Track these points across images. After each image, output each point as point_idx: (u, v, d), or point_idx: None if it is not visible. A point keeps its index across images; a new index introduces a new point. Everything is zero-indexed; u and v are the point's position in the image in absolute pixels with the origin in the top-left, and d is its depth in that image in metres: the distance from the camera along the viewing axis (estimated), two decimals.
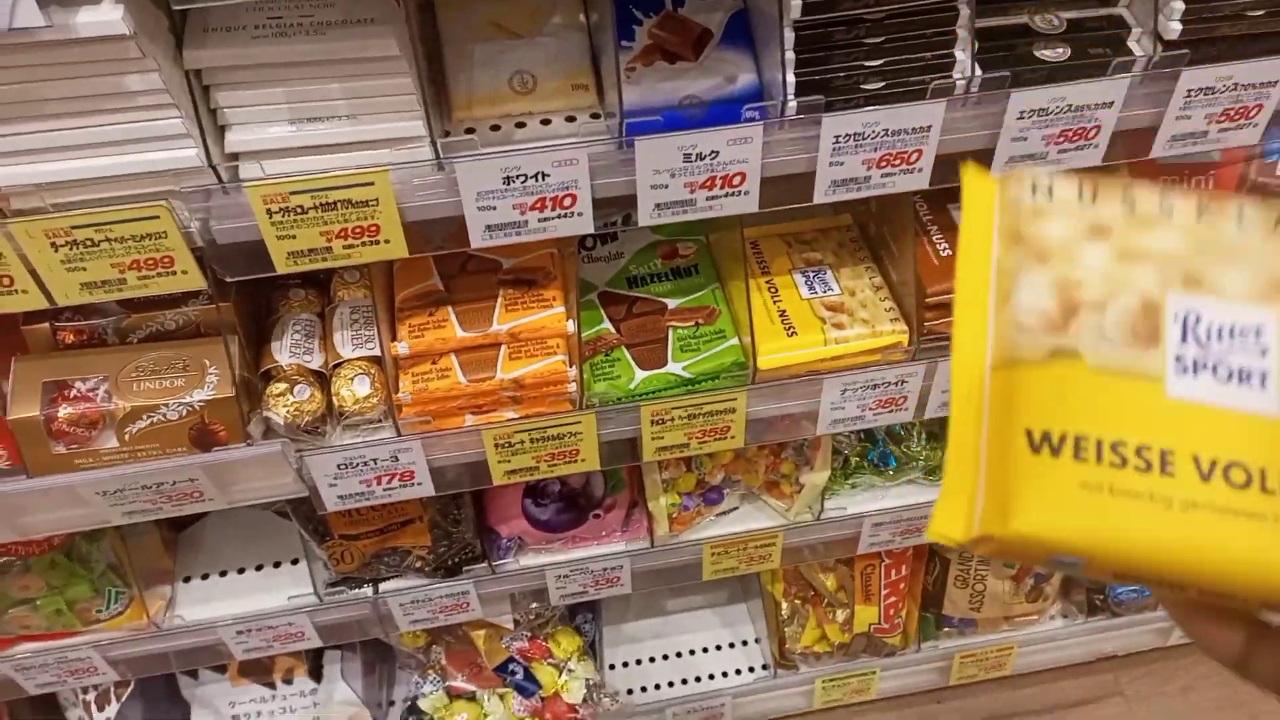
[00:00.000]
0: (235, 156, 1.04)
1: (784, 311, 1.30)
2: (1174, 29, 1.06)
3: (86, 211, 0.99)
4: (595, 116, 1.15)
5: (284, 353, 1.26)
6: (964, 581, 2.00)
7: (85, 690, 1.78)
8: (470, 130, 1.13)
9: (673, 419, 1.31)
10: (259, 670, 1.93)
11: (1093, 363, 0.51)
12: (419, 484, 1.32)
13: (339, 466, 1.26)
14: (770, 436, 1.40)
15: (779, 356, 1.27)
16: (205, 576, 1.69)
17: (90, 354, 1.20)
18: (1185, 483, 0.49)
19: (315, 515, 1.52)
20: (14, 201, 1.00)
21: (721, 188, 1.10)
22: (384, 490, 1.31)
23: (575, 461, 1.34)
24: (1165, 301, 0.52)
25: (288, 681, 1.94)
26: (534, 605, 1.82)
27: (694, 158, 1.07)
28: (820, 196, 1.13)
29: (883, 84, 1.07)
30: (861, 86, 1.07)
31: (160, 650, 1.60)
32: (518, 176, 1.05)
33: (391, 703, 2.08)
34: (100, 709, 1.76)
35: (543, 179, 1.06)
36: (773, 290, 1.33)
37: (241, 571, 1.70)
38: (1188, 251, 0.53)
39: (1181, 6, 1.05)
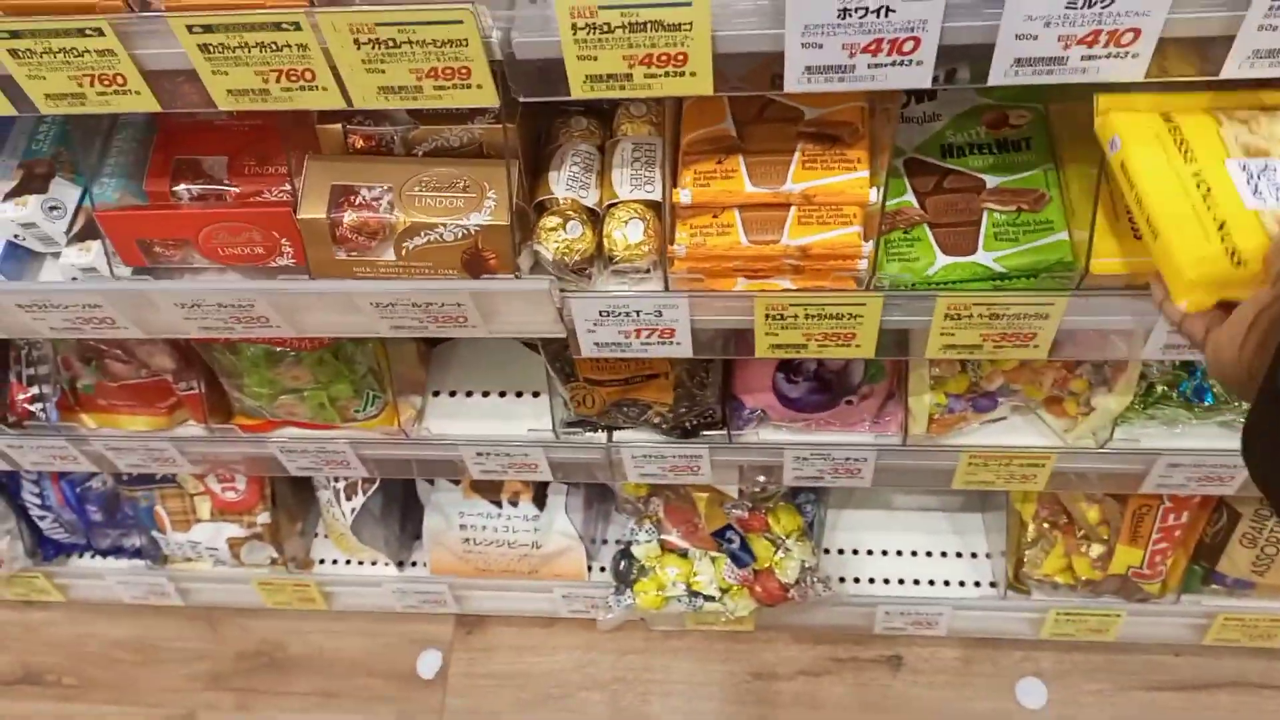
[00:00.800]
0: None
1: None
2: None
3: (392, 8, 0.92)
4: None
5: (560, 185, 1.19)
6: (1253, 541, 1.74)
7: (336, 479, 1.91)
8: None
9: (972, 316, 1.15)
10: (489, 488, 1.99)
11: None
12: (678, 343, 1.24)
13: (600, 313, 1.20)
14: (1080, 353, 1.21)
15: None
16: (453, 394, 1.73)
17: (378, 162, 1.17)
18: None
19: (564, 355, 1.49)
20: None
21: (1107, 44, 0.89)
22: (641, 344, 1.24)
23: (849, 345, 1.21)
24: None
25: (513, 503, 2.00)
26: (761, 479, 1.75)
27: (1081, 4, 0.86)
28: (1231, 69, 0.89)
29: None
30: None
31: (405, 457, 1.67)
32: (857, 10, 0.89)
33: (605, 541, 2.12)
34: (348, 498, 1.89)
35: (886, 15, 0.89)
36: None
37: (486, 395, 1.72)
38: None
39: None
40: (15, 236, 1.26)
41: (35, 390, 1.67)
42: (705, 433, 1.56)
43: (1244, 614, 1.84)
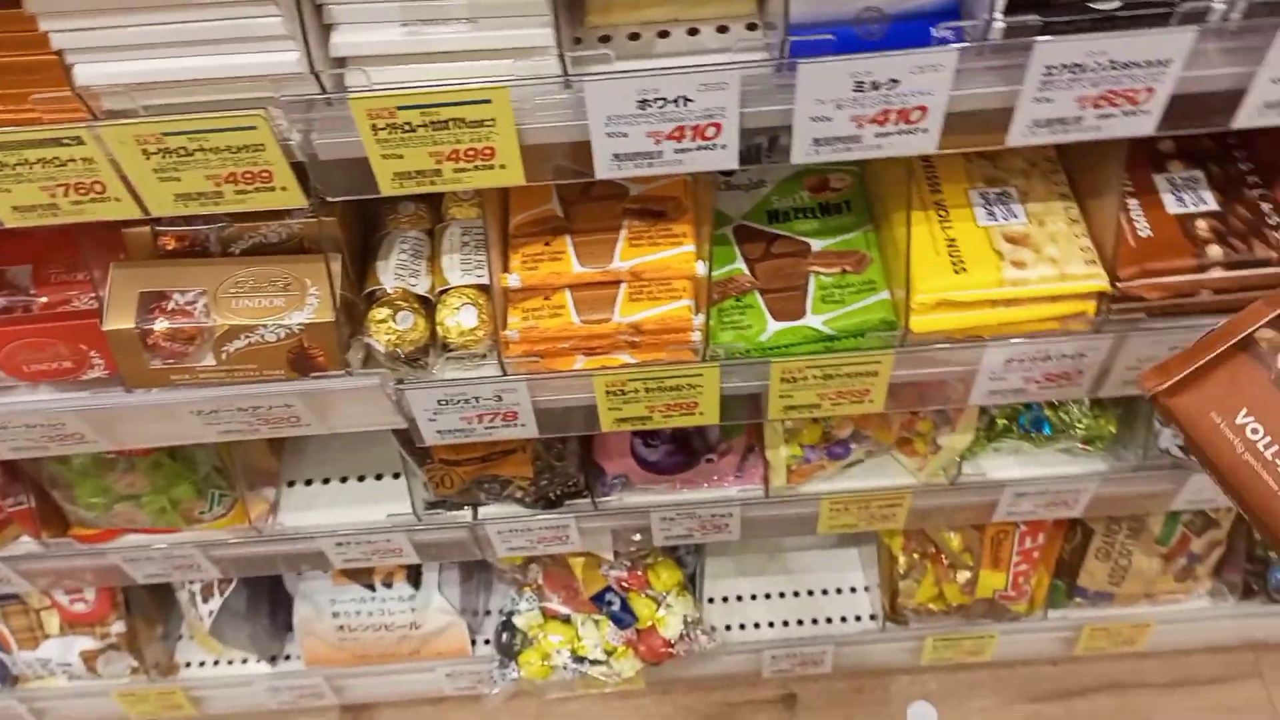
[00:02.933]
0: (341, 62, 0.91)
1: (953, 241, 1.11)
2: None
3: (179, 117, 0.89)
4: (751, 28, 0.97)
5: (389, 274, 1.16)
6: (1106, 555, 1.82)
7: (191, 580, 1.81)
8: (605, 38, 0.97)
9: (806, 378, 1.17)
10: (360, 572, 1.92)
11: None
12: (522, 425, 1.22)
13: (439, 402, 1.17)
14: (913, 403, 1.24)
15: (941, 297, 1.08)
16: (309, 482, 1.66)
17: (191, 264, 1.12)
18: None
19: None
20: (105, 102, 0.90)
21: (896, 123, 0.92)
22: (485, 428, 1.22)
23: (692, 414, 1.22)
24: None
25: (387, 585, 1.93)
26: (637, 538, 1.74)
27: (867, 87, 0.89)
28: (1016, 138, 0.94)
29: (1119, 3, 0.85)
30: (1090, 4, 0.86)
31: (261, 554, 1.59)
32: (656, 100, 0.90)
33: (488, 612, 2.07)
34: (205, 599, 1.79)
35: (685, 104, 0.90)
36: (943, 214, 1.14)
37: (344, 480, 1.66)
38: None
39: None
40: None
41: None
42: (570, 501, 1.54)
43: (1107, 623, 1.92)
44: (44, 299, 1.17)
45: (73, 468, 1.44)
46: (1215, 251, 1.08)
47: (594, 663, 1.85)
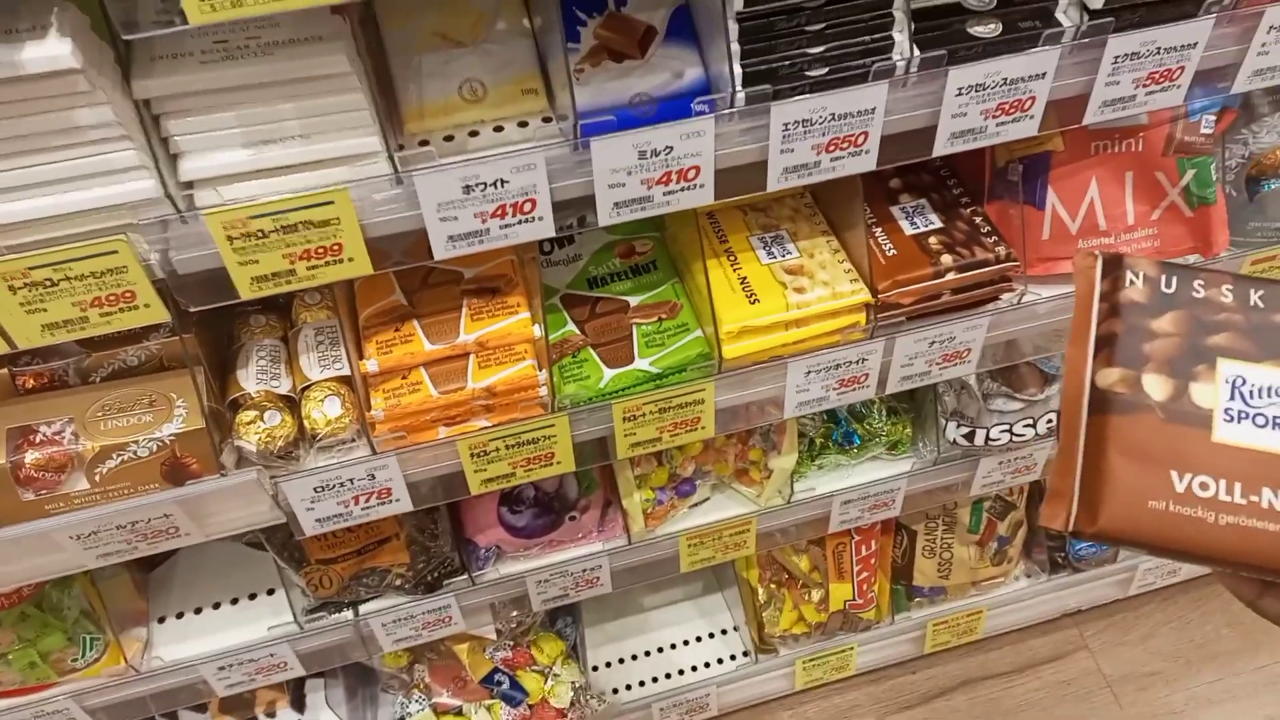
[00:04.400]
0: (190, 184, 1.03)
1: (745, 279, 1.33)
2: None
3: (43, 251, 0.97)
4: (547, 120, 1.16)
5: (250, 380, 1.25)
6: (931, 551, 2.05)
7: None
8: (424, 142, 1.14)
9: (644, 415, 1.33)
10: (241, 705, 1.90)
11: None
12: (397, 500, 1.31)
13: (315, 490, 1.26)
14: (739, 424, 1.43)
15: (743, 325, 1.29)
16: (180, 615, 1.66)
17: (53, 397, 1.18)
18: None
19: (291, 542, 1.51)
20: None
21: (678, 182, 1.12)
22: (362, 510, 1.31)
23: (551, 464, 1.35)
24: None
25: (270, 715, 1.91)
26: (515, 614, 1.82)
27: (649, 154, 1.09)
28: (774, 184, 1.16)
29: (826, 70, 1.10)
30: (805, 74, 1.10)
31: (140, 694, 1.57)
32: (477, 185, 1.06)
33: None
34: None
35: (502, 186, 1.07)
36: (732, 259, 1.35)
37: (217, 607, 1.67)
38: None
39: None
40: None
41: None
42: (448, 581, 1.62)
43: (945, 616, 2.14)
44: None
45: None
46: (947, 260, 1.34)
47: None
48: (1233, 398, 0.70)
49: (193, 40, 0.96)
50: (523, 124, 1.16)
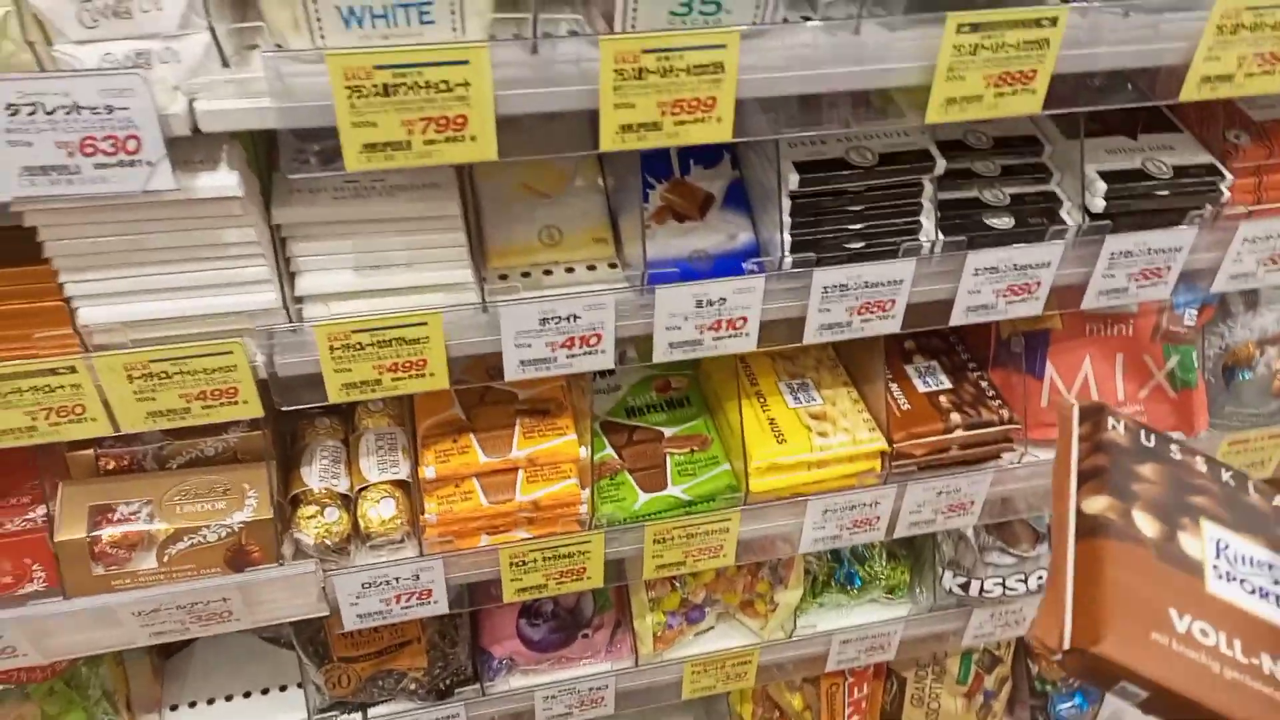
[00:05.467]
0: (301, 299, 1.16)
1: (773, 420, 1.45)
2: (1099, 204, 1.29)
3: (168, 347, 1.09)
4: (613, 266, 1.31)
5: (314, 477, 1.35)
6: (920, 700, 2.11)
7: None
8: (504, 276, 1.27)
9: (673, 538, 1.43)
10: None
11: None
12: (435, 602, 1.39)
13: (363, 585, 1.33)
14: (755, 555, 1.52)
15: (771, 461, 1.40)
16: (193, 704, 1.69)
17: (133, 479, 1.26)
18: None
19: (318, 638, 1.57)
20: (96, 336, 1.09)
21: (726, 330, 1.26)
22: (401, 609, 1.38)
23: (582, 579, 1.44)
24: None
25: None
26: None
27: (704, 304, 1.23)
28: (810, 338, 1.30)
29: (863, 244, 1.26)
30: (845, 246, 1.26)
31: None
32: (553, 318, 1.19)
33: None
34: None
35: (574, 320, 1.20)
36: (762, 401, 1.48)
37: (229, 699, 1.70)
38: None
39: (1104, 186, 1.28)
40: None
41: None
42: (459, 690, 1.66)
43: None
44: None
45: None
46: (956, 417, 1.47)
47: None
48: (1219, 556, 0.70)
49: (328, 180, 1.11)
50: (591, 267, 1.30)
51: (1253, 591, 0.69)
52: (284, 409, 1.18)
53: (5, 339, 1.07)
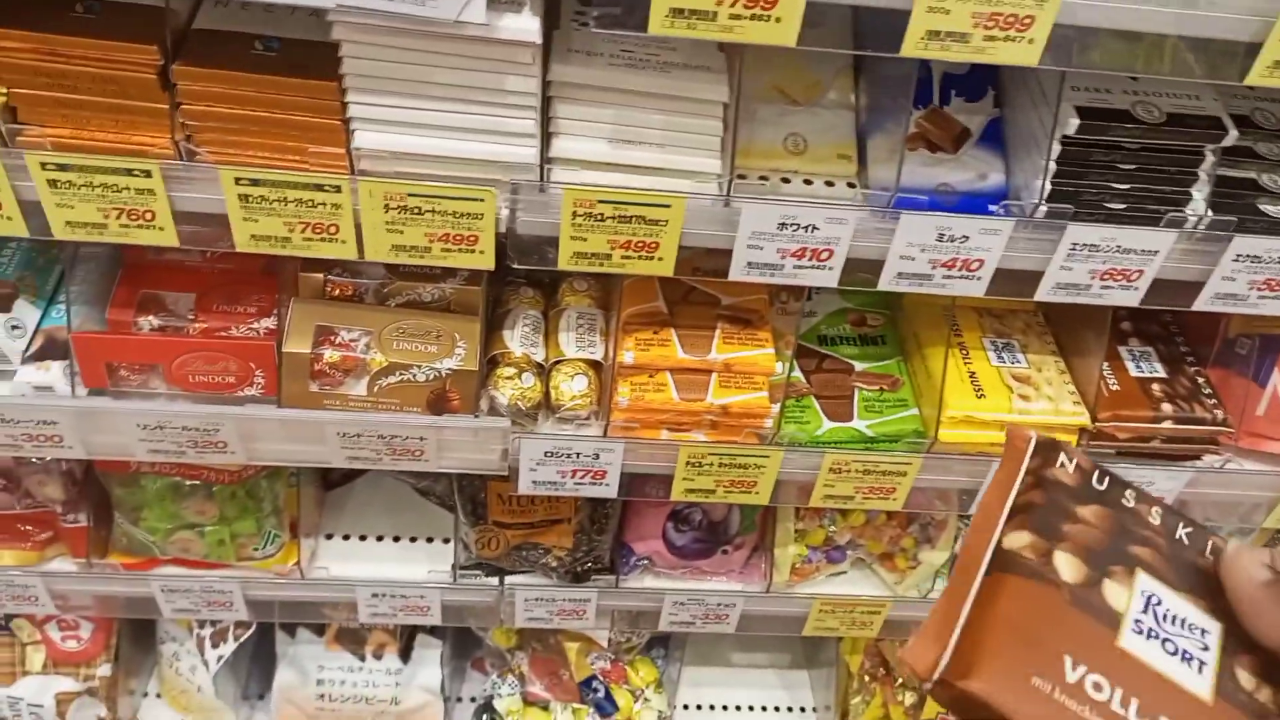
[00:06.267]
0: (550, 161, 1.17)
1: (974, 374, 1.42)
2: None
3: (427, 184, 1.12)
4: (851, 186, 1.28)
5: (515, 341, 1.38)
6: None
7: (203, 625, 1.86)
8: (742, 176, 1.26)
9: (850, 471, 1.42)
10: (354, 640, 2.00)
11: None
12: (606, 485, 1.42)
13: (545, 453, 1.37)
14: (921, 505, 1.50)
15: (967, 414, 1.38)
16: (347, 537, 1.78)
17: (356, 309, 1.32)
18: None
19: (478, 498, 1.62)
20: (363, 162, 1.13)
21: (960, 270, 1.23)
22: (574, 483, 1.41)
23: (750, 492, 1.44)
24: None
25: (377, 656, 2.01)
26: (634, 628, 1.90)
27: (945, 239, 1.20)
28: (1042, 295, 1.25)
29: (1124, 206, 1.20)
30: (1105, 205, 1.20)
31: (295, 598, 1.69)
32: (792, 225, 1.18)
33: (459, 699, 2.14)
34: (215, 645, 1.84)
35: (811, 231, 1.18)
36: (965, 353, 1.45)
37: (380, 539, 1.78)
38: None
39: None
40: None
41: None
42: (595, 577, 1.71)
43: None
44: (203, 325, 1.33)
45: (146, 490, 1.54)
46: (1167, 408, 1.41)
47: None
48: (1145, 611, 0.65)
49: (606, 45, 1.11)
50: (829, 183, 1.28)
51: (1174, 653, 0.65)
52: (517, 266, 1.20)
53: (282, 149, 1.11)
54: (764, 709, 2.23)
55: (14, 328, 1.28)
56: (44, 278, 1.36)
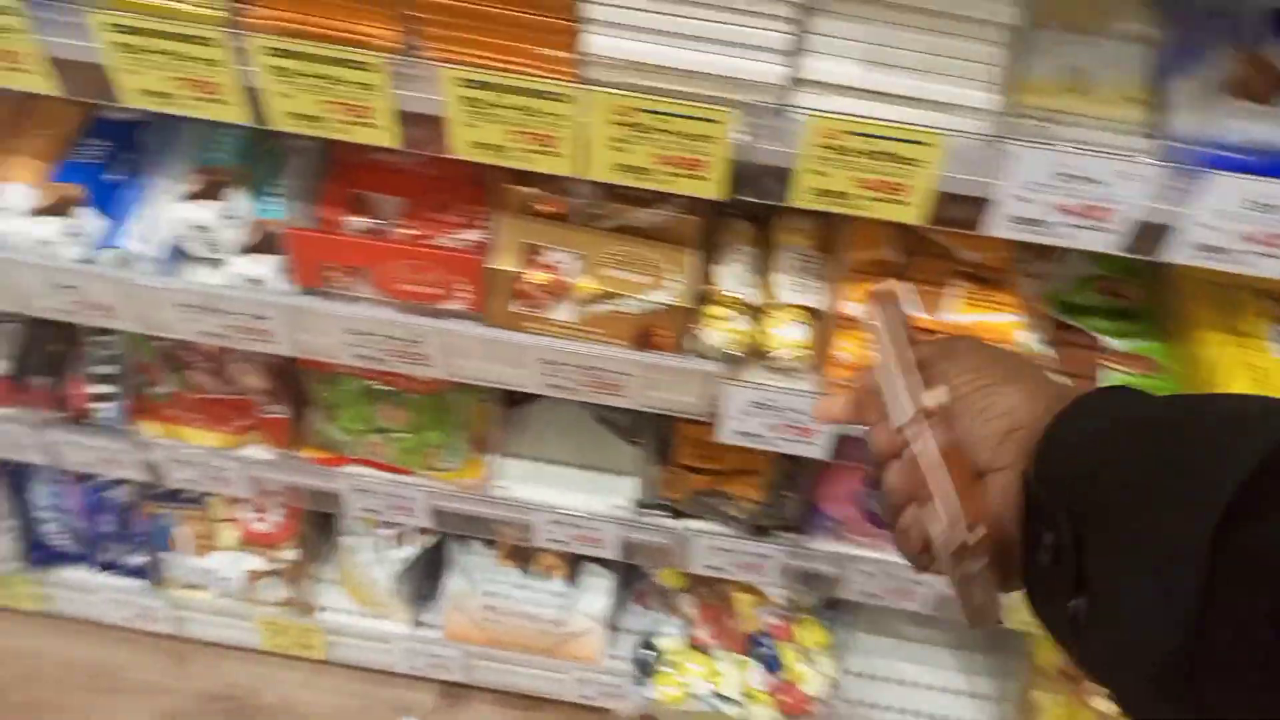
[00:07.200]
0: (797, 83, 1.04)
1: (1252, 365, 1.21)
2: None
3: (661, 99, 1.01)
4: (1145, 136, 1.09)
5: (727, 280, 1.27)
6: None
7: (385, 525, 1.90)
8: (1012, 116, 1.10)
9: None
10: (523, 557, 2.00)
11: None
12: (812, 444, 1.31)
13: (753, 404, 1.27)
14: None
15: None
16: (524, 458, 1.75)
17: (566, 229, 1.24)
18: None
19: (667, 437, 1.55)
20: (591, 70, 1.03)
21: (1267, 247, 1.03)
22: (779, 439, 1.31)
23: None
24: None
25: (545, 577, 2.00)
26: (811, 589, 1.81)
27: (1256, 207, 1.00)
28: None
29: None
30: None
31: (473, 513, 1.68)
32: (1070, 176, 1.01)
33: (616, 628, 2.12)
34: (398, 545, 1.88)
35: (1094, 185, 1.01)
36: (1242, 342, 1.24)
37: (560, 465, 1.75)
38: None
39: None
40: (182, 238, 1.28)
41: (100, 389, 1.66)
42: (777, 533, 1.62)
43: None
44: (409, 231, 1.29)
45: (345, 391, 1.55)
46: None
47: (731, 701, 1.89)
48: None
49: None
50: (1114, 130, 1.09)
51: None
52: (746, 198, 1.09)
53: (506, 50, 1.04)
54: (936, 688, 2.10)
55: (228, 217, 1.28)
56: (259, 168, 1.36)
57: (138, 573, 2.07)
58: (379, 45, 1.05)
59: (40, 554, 2.10)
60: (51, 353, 1.63)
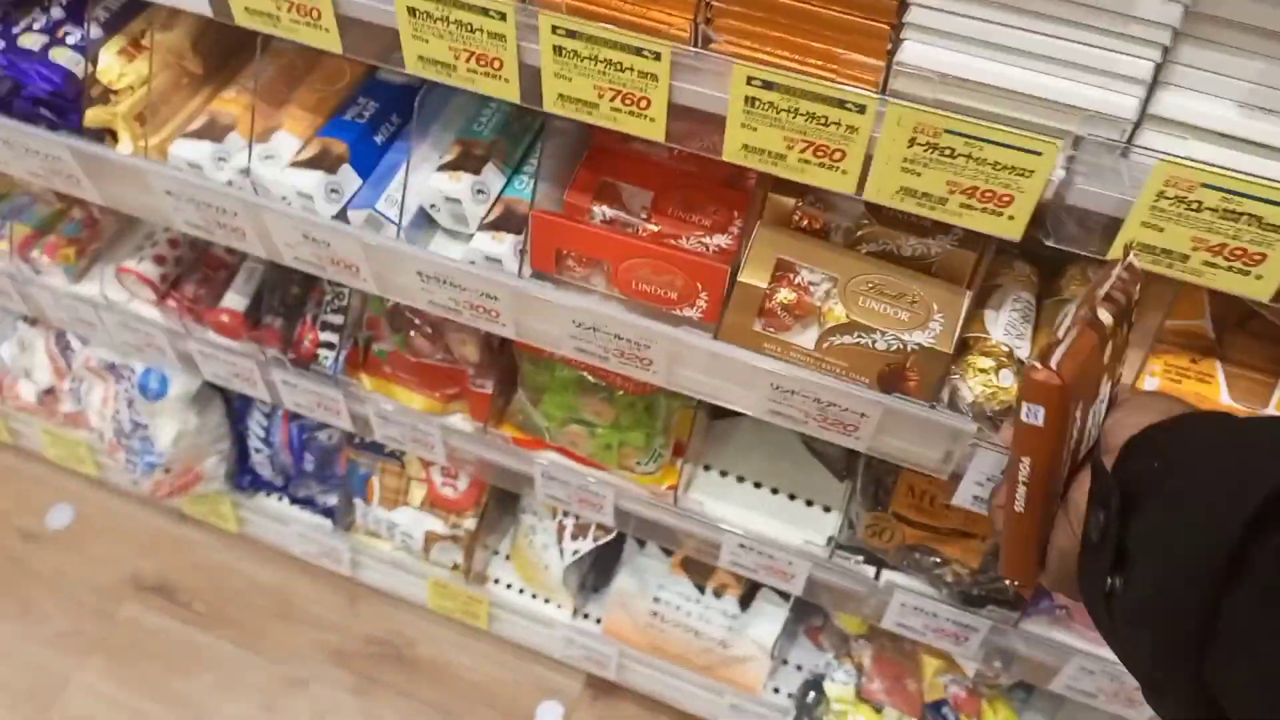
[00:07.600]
0: (1147, 119, 0.88)
1: None
2: None
3: (974, 121, 0.88)
4: None
5: (998, 327, 1.12)
6: None
7: (567, 514, 1.86)
8: None
9: None
10: (699, 571, 1.92)
11: None
12: None
13: (1003, 471, 1.12)
14: None
15: None
16: (724, 474, 1.66)
17: (826, 249, 1.13)
18: None
19: (883, 480, 1.42)
20: (897, 80, 0.91)
21: None
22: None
23: None
24: None
25: (717, 594, 1.92)
26: (999, 665, 1.63)
27: None
28: None
29: None
30: None
31: (660, 520, 1.60)
32: None
33: (784, 662, 2.01)
34: (574, 538, 1.83)
35: None
36: None
37: (759, 486, 1.65)
38: None
39: None
40: (432, 206, 1.25)
41: (327, 337, 1.68)
42: (991, 608, 1.45)
43: None
44: (654, 228, 1.21)
45: (555, 378, 1.50)
46: None
47: None
48: None
49: None
50: None
51: None
52: (1052, 244, 0.94)
53: (806, 50, 0.93)
54: None
55: (479, 192, 1.24)
56: (515, 145, 1.32)
57: (328, 512, 2.13)
58: (668, 34, 0.96)
59: (245, 479, 2.20)
60: (289, 296, 1.66)
